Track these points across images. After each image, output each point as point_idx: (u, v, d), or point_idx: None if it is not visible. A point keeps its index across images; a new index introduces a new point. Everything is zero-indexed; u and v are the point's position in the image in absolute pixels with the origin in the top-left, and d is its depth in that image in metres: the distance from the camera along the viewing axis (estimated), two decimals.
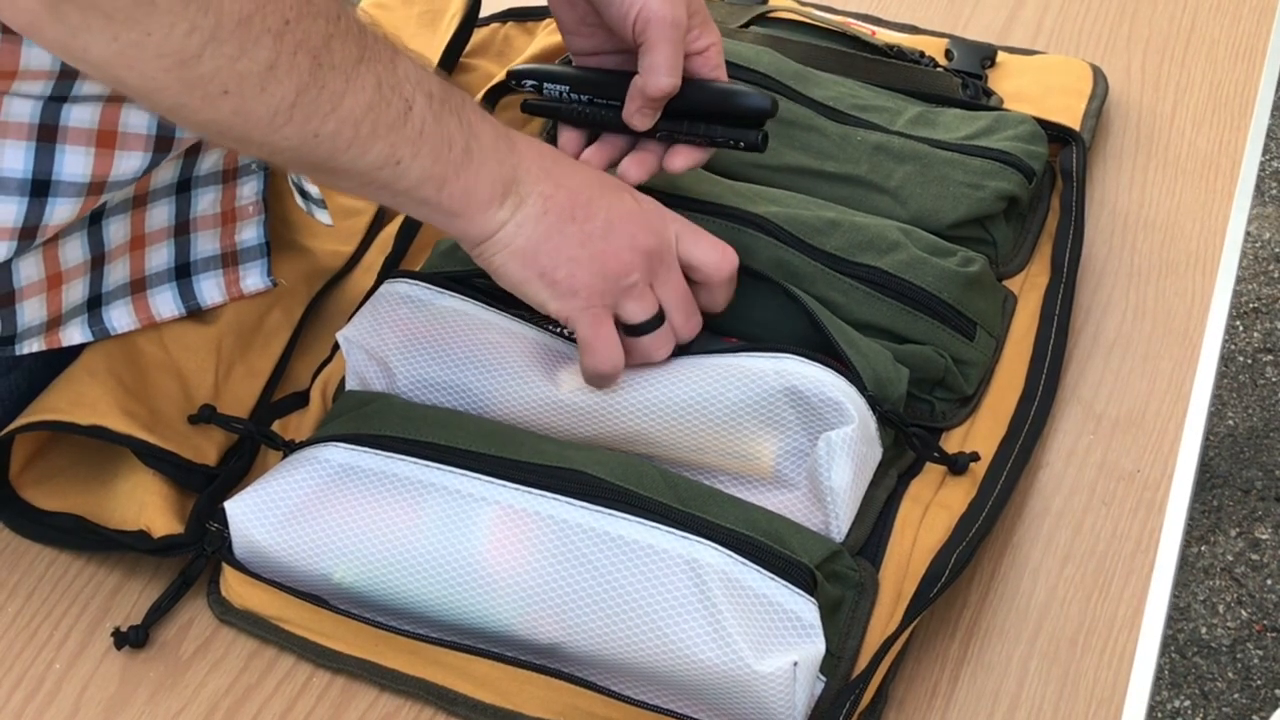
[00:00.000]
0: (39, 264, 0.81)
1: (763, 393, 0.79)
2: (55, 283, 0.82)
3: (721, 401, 0.79)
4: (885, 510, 0.81)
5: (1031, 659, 0.78)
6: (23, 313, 0.81)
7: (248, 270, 0.91)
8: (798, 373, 0.79)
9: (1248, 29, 1.15)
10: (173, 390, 0.85)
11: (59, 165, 0.77)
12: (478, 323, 0.84)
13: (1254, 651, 1.77)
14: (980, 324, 0.89)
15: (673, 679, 0.72)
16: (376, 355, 0.84)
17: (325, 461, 0.78)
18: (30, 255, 0.80)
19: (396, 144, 0.71)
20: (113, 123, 0.78)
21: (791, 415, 0.79)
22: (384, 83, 0.69)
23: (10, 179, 0.76)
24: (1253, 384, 2.05)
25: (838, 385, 0.79)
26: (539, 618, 0.73)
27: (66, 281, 0.83)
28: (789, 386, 0.79)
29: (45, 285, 0.82)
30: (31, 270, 0.81)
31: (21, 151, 0.76)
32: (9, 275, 0.80)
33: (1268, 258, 2.20)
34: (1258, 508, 1.91)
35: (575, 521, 0.74)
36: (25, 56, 0.73)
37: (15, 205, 0.76)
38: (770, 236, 0.88)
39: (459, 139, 0.74)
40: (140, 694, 0.77)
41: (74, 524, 0.82)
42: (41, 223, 0.78)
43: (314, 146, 0.68)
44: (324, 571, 0.76)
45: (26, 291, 0.81)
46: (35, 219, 0.77)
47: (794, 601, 0.72)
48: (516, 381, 0.82)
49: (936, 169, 0.94)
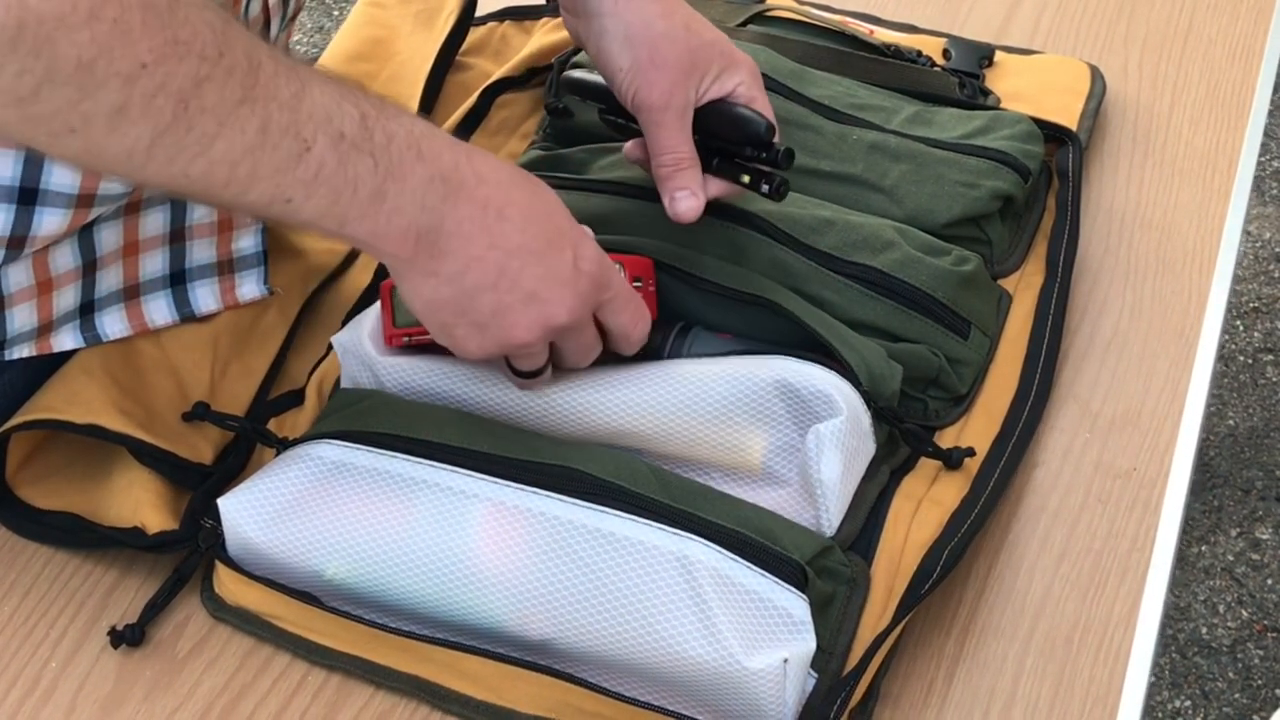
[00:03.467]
0: (28, 270, 0.81)
1: (752, 387, 0.79)
2: (46, 289, 0.82)
3: (711, 398, 0.79)
4: (877, 506, 0.81)
5: (1027, 657, 0.78)
6: (12, 319, 0.81)
7: (244, 278, 0.91)
8: (788, 368, 0.79)
9: (1245, 28, 1.15)
10: (169, 389, 0.85)
11: (47, 175, 0.77)
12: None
13: (1254, 651, 1.76)
14: (974, 323, 0.89)
15: (663, 675, 0.72)
16: (367, 363, 0.84)
17: (318, 459, 0.78)
18: (19, 262, 0.80)
19: (284, 185, 0.66)
20: None
21: (781, 409, 0.79)
22: (273, 124, 0.64)
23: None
24: (1253, 384, 2.05)
25: (827, 379, 0.79)
26: (530, 614, 0.73)
27: (57, 288, 0.82)
28: (778, 380, 0.79)
29: (35, 291, 0.81)
30: (21, 277, 0.80)
31: (10, 159, 0.76)
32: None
33: (1268, 257, 2.20)
34: (1258, 508, 1.91)
35: (566, 518, 0.74)
36: None
37: (2, 213, 0.76)
38: (765, 235, 0.88)
39: (368, 181, 0.68)
40: (136, 692, 0.77)
41: (70, 522, 0.82)
42: (30, 233, 0.77)
43: (185, 184, 0.65)
44: (316, 568, 0.77)
45: (16, 298, 0.81)
46: (23, 229, 0.77)
47: (785, 598, 0.72)
48: (502, 390, 0.82)
49: (932, 168, 0.94)
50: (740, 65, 0.85)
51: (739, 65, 0.85)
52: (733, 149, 0.85)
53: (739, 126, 0.85)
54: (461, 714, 0.75)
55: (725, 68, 0.84)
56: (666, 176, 0.84)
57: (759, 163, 0.85)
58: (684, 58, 0.83)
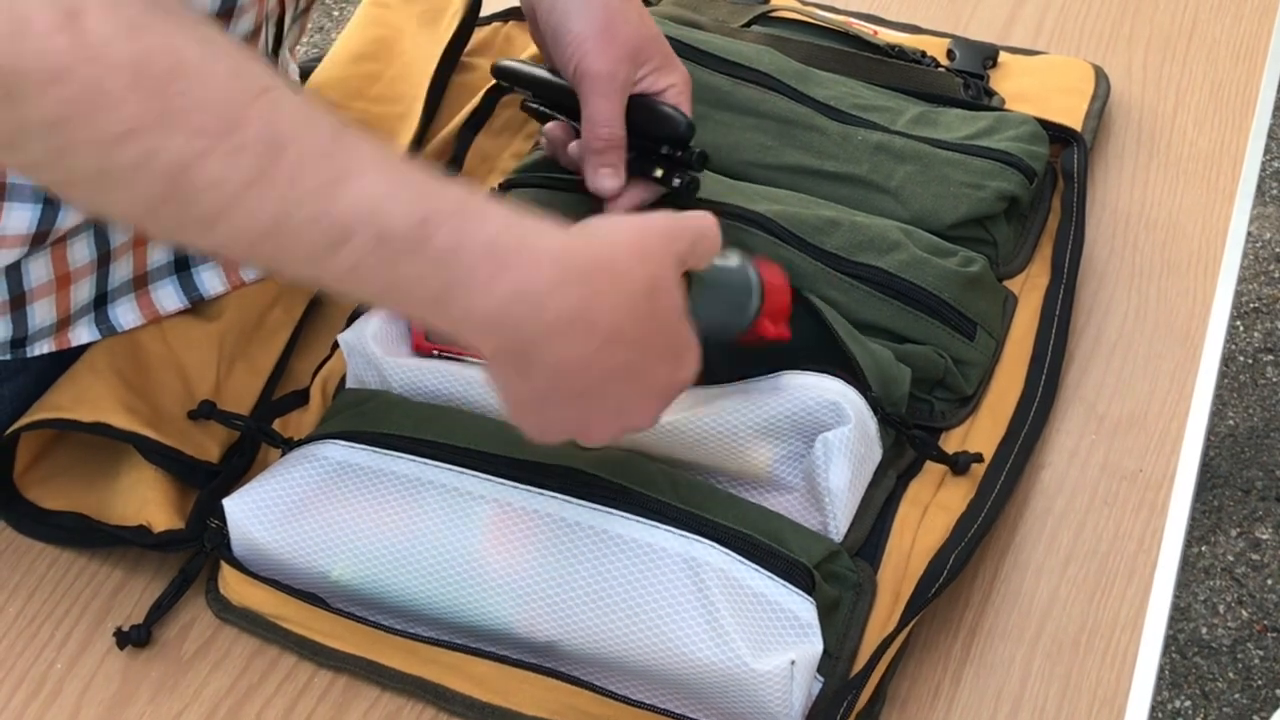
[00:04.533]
0: (48, 265, 0.81)
1: (758, 404, 0.79)
2: (64, 283, 0.82)
3: (717, 422, 0.79)
4: (884, 511, 0.81)
5: (1034, 659, 0.78)
6: (33, 314, 0.82)
7: None
8: (794, 382, 0.79)
9: (1249, 28, 1.15)
10: (175, 387, 0.85)
11: None
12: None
13: (1254, 652, 1.77)
14: (980, 324, 0.89)
15: (670, 677, 0.72)
16: (373, 363, 0.84)
17: (323, 459, 0.78)
18: (39, 257, 0.80)
19: (319, 273, 0.61)
20: None
21: (786, 420, 0.79)
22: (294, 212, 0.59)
23: (25, 186, 0.76)
24: (1253, 384, 2.05)
25: (834, 387, 0.79)
26: (537, 616, 0.73)
27: (75, 281, 0.83)
28: (782, 387, 0.79)
29: (54, 286, 0.82)
30: (41, 272, 0.81)
31: None
32: (19, 277, 0.80)
33: (1269, 258, 2.20)
34: (1258, 508, 1.91)
35: (573, 519, 0.74)
36: None
37: (29, 212, 0.77)
38: (771, 235, 0.88)
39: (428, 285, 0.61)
40: (142, 694, 0.77)
41: (75, 522, 0.82)
42: (54, 226, 0.78)
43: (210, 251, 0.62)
44: (322, 569, 0.76)
45: (37, 293, 0.81)
46: (48, 224, 0.77)
47: (792, 601, 0.72)
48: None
49: (937, 169, 0.94)
50: (676, 70, 0.86)
51: (676, 70, 0.86)
52: (650, 145, 0.86)
53: (661, 123, 0.86)
54: (466, 716, 0.75)
55: (663, 68, 0.85)
56: (600, 150, 0.84)
57: (674, 161, 0.86)
58: (633, 39, 0.84)
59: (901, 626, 0.74)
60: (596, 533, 0.74)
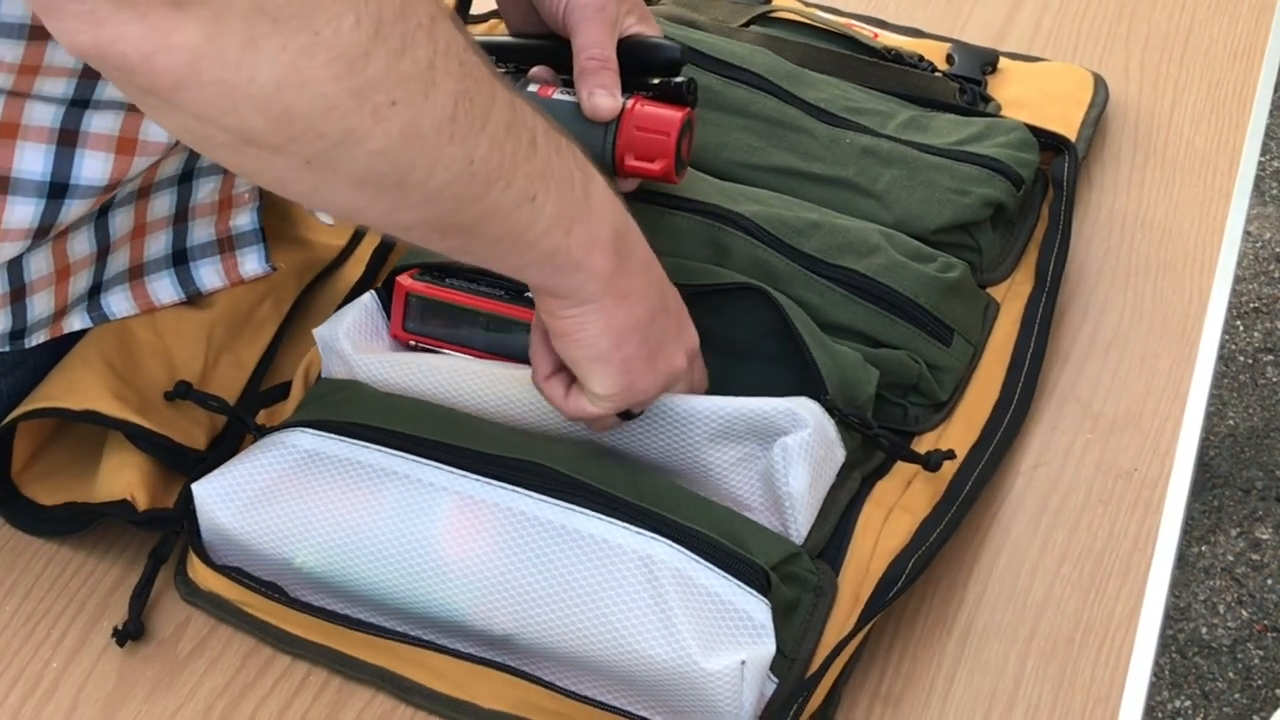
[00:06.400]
0: (48, 258, 0.81)
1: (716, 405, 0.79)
2: (64, 275, 0.83)
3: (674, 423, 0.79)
4: (847, 513, 0.80)
5: (1028, 658, 0.78)
6: (32, 306, 0.82)
7: (245, 255, 0.91)
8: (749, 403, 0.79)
9: (1246, 28, 1.15)
10: (161, 375, 0.86)
11: (78, 169, 0.77)
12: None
13: (1254, 652, 1.77)
14: (958, 330, 0.88)
15: (623, 674, 0.72)
16: (343, 358, 0.84)
17: (292, 447, 0.78)
18: (40, 250, 0.81)
19: (531, 177, 0.66)
20: (134, 131, 0.78)
21: (742, 423, 0.79)
22: (514, 102, 0.65)
23: (28, 181, 0.76)
24: (1253, 384, 2.05)
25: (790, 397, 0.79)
26: (493, 608, 0.74)
27: (74, 273, 0.83)
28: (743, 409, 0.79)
29: (54, 279, 0.82)
30: (41, 265, 0.81)
31: (41, 154, 0.76)
32: (20, 270, 0.80)
33: (1268, 257, 2.20)
34: (1258, 508, 1.91)
35: (531, 514, 0.74)
36: (50, 54, 0.73)
37: (32, 206, 0.77)
38: (749, 236, 0.87)
39: (577, 177, 0.70)
40: (138, 692, 0.77)
41: (67, 512, 0.83)
42: (56, 221, 0.78)
43: (468, 183, 0.63)
44: (286, 556, 0.77)
45: (36, 285, 0.82)
46: (50, 219, 0.78)
47: (746, 601, 0.72)
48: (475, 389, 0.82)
49: (923, 174, 0.94)
50: (653, 27, 0.87)
51: (653, 26, 0.87)
52: (640, 80, 0.85)
53: (651, 52, 0.85)
54: (426, 706, 0.76)
55: (644, 20, 0.86)
56: (591, 71, 0.83)
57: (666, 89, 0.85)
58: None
59: (857, 630, 0.74)
60: (554, 527, 0.74)
